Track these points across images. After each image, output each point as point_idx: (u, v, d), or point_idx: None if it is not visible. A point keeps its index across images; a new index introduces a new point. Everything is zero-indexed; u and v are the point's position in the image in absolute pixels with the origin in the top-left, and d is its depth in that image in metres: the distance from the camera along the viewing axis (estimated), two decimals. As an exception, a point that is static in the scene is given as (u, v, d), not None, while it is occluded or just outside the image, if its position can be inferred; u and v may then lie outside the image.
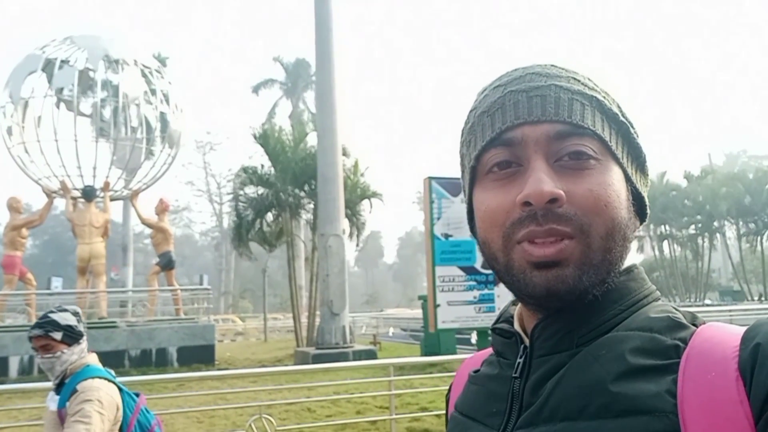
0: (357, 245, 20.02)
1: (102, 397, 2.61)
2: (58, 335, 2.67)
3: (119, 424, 2.67)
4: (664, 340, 0.63)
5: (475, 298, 7.81)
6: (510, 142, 0.67)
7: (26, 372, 14.29)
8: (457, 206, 7.65)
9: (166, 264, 18.38)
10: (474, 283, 7.64)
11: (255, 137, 18.36)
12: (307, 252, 20.82)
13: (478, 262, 8.16)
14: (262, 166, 18.91)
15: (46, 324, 2.67)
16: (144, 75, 19.52)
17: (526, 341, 0.71)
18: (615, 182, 0.67)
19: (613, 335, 0.65)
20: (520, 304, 0.75)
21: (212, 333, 16.60)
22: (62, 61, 18.38)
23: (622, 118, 0.69)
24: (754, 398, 0.55)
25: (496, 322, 0.79)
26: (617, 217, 0.66)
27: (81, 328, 2.77)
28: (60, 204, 18.69)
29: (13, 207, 17.46)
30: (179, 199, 53.28)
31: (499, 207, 0.67)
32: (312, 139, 18.80)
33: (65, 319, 2.72)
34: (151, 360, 15.26)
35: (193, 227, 69.27)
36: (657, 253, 42.55)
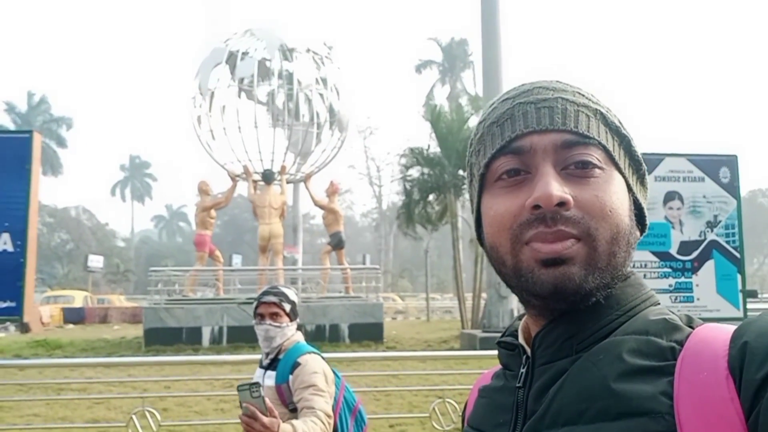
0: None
1: (326, 370, 2.64)
2: (287, 307, 2.70)
3: (331, 400, 2.67)
4: (659, 342, 0.64)
5: (670, 286, 7.15)
6: (519, 151, 0.69)
7: (216, 341, 15.56)
8: (650, 184, 7.06)
9: (337, 243, 19.08)
10: (669, 270, 7.00)
11: (428, 116, 18.39)
12: (471, 234, 20.56)
13: (674, 248, 7.47)
14: (428, 146, 18.95)
15: (281, 294, 2.72)
16: (315, 62, 20.30)
17: (529, 351, 0.72)
18: (619, 190, 0.69)
19: (611, 340, 0.66)
20: (524, 319, 0.77)
21: (380, 311, 16.98)
22: (243, 53, 19.61)
23: (623, 131, 0.72)
24: (744, 396, 0.55)
25: (502, 336, 0.80)
26: (621, 223, 0.68)
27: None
28: (238, 187, 20.09)
29: (203, 189, 19.04)
30: (342, 181, 55.50)
31: (507, 211, 0.68)
32: (474, 120, 18.42)
33: (293, 294, 2.77)
34: (325, 335, 15.90)
35: (354, 209, 72.00)
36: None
